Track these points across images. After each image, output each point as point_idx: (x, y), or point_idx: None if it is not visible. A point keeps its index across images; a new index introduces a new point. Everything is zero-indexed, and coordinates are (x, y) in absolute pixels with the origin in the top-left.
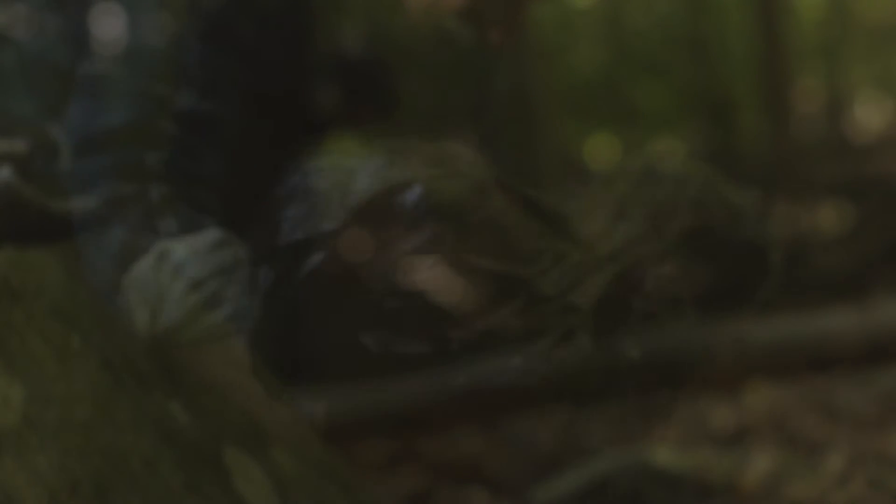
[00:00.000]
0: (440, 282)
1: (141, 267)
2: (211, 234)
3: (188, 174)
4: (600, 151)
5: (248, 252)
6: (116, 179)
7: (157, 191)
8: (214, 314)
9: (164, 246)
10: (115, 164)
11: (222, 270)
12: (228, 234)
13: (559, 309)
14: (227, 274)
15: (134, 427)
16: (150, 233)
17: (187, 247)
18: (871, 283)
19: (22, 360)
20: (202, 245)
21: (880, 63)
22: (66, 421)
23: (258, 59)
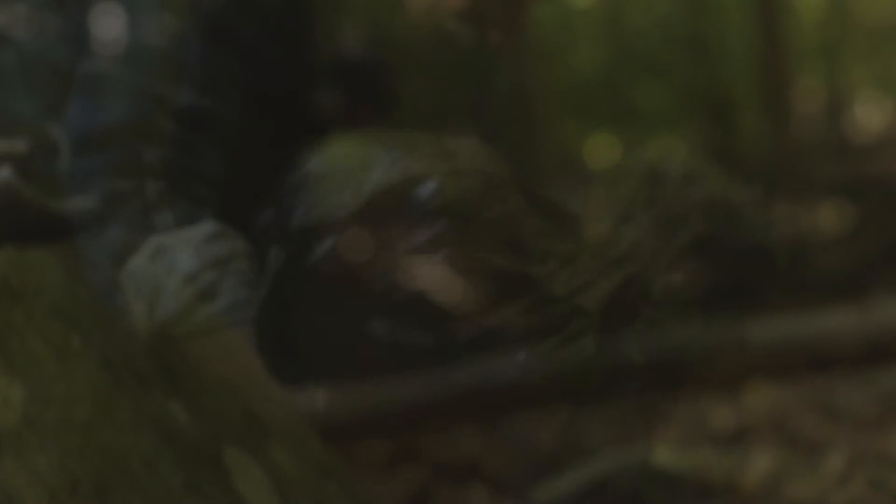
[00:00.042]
0: (449, 277)
1: (136, 261)
2: (206, 226)
3: (187, 170)
4: (600, 151)
5: (245, 244)
6: (113, 176)
7: (153, 187)
8: (210, 306)
9: (159, 240)
10: (113, 162)
11: (217, 262)
12: (224, 226)
13: (566, 310)
14: (223, 266)
15: (134, 427)
16: (147, 228)
17: (182, 240)
18: (871, 283)
19: (22, 360)
20: (197, 238)
21: (880, 63)
22: (66, 421)
23: (258, 58)
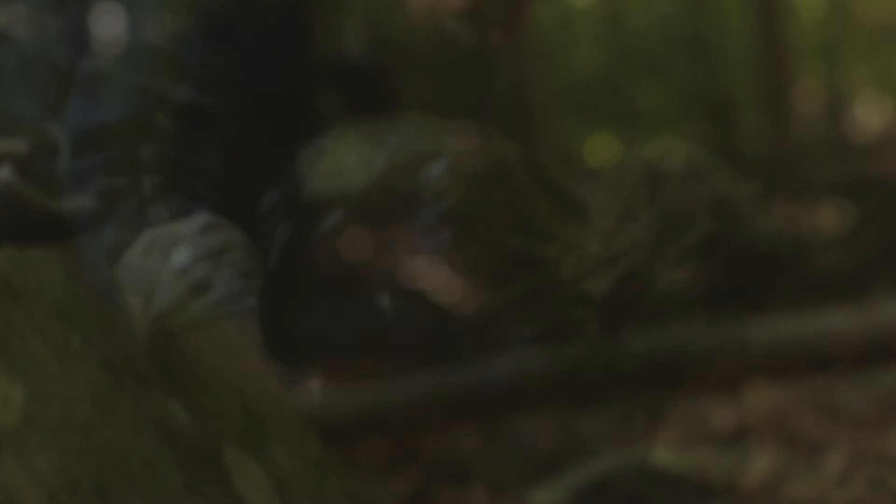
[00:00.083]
0: (457, 256)
1: (131, 256)
2: (199, 218)
3: (185, 166)
4: (600, 151)
5: (241, 235)
6: (110, 174)
7: (149, 182)
8: (204, 299)
9: (153, 233)
10: (110, 160)
11: (211, 254)
12: (219, 217)
13: (569, 299)
14: (217, 257)
15: (134, 427)
16: (142, 223)
17: (175, 232)
18: (871, 283)
19: (22, 360)
20: (190, 230)
21: (880, 63)
22: (66, 421)
23: (258, 57)
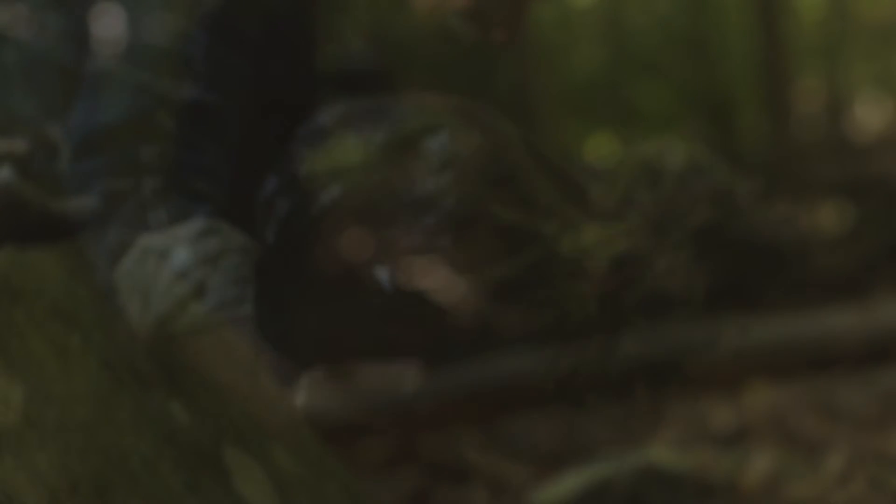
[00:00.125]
0: (457, 230)
1: (128, 261)
2: (196, 222)
3: (188, 166)
4: (600, 151)
5: (240, 239)
6: (112, 176)
7: (149, 184)
8: (200, 304)
9: (149, 239)
10: (111, 162)
11: (207, 259)
12: (217, 221)
13: (570, 269)
14: (213, 263)
15: (134, 427)
16: (142, 226)
17: (171, 237)
18: (871, 283)
19: (22, 360)
20: (186, 235)
21: (880, 63)
22: (66, 421)
23: (262, 55)
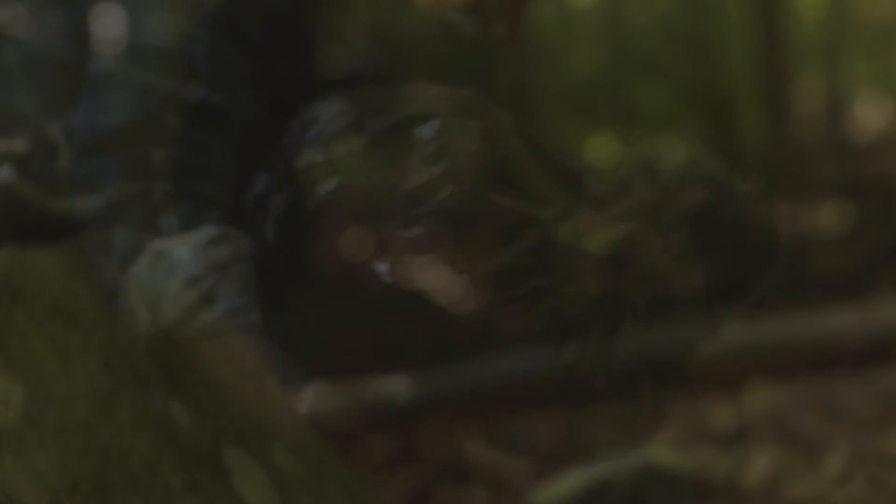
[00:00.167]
0: (452, 218)
1: (138, 268)
2: (207, 230)
3: (196, 169)
4: (600, 151)
5: (249, 246)
6: (121, 179)
7: (160, 188)
8: (211, 311)
9: (160, 245)
10: (121, 164)
11: (217, 267)
12: (227, 229)
13: (566, 254)
14: (223, 270)
15: (134, 427)
16: (153, 232)
17: (182, 245)
18: (871, 283)
19: (22, 360)
20: (197, 242)
21: (880, 63)
22: (66, 421)
23: (264, 54)
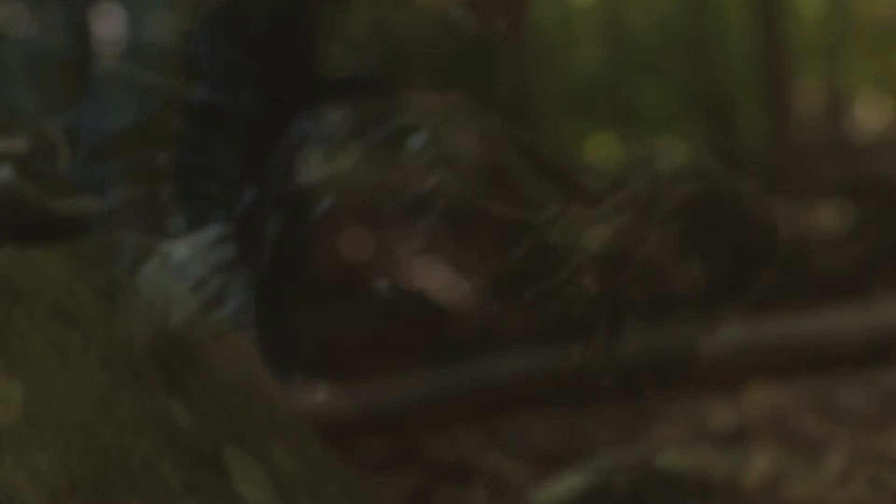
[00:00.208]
0: (447, 229)
1: (147, 272)
2: (212, 230)
3: (201, 170)
4: (600, 151)
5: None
6: (127, 183)
7: (166, 190)
8: (220, 311)
9: (167, 248)
10: (127, 167)
11: (224, 267)
12: (230, 227)
13: (563, 255)
14: (229, 269)
15: (134, 427)
16: (160, 234)
17: (188, 246)
18: (871, 283)
19: (22, 360)
20: (203, 243)
21: (880, 63)
22: (66, 420)
23: (265, 53)
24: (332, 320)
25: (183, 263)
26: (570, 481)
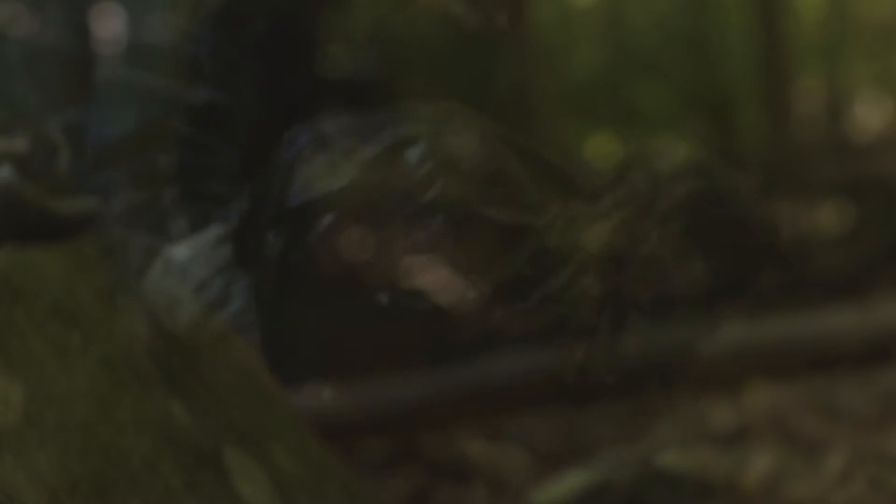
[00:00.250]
0: (448, 237)
1: (151, 277)
2: (213, 231)
3: (202, 168)
4: (600, 151)
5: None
6: (131, 188)
7: (168, 194)
8: (223, 312)
9: (169, 252)
10: (129, 173)
11: (224, 268)
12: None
13: (564, 255)
14: (231, 270)
15: (134, 427)
16: (164, 237)
17: (190, 248)
18: (871, 283)
19: (22, 360)
20: (204, 244)
21: (880, 63)
22: (66, 420)
23: (266, 53)
24: (333, 321)
25: (185, 265)
26: (571, 481)
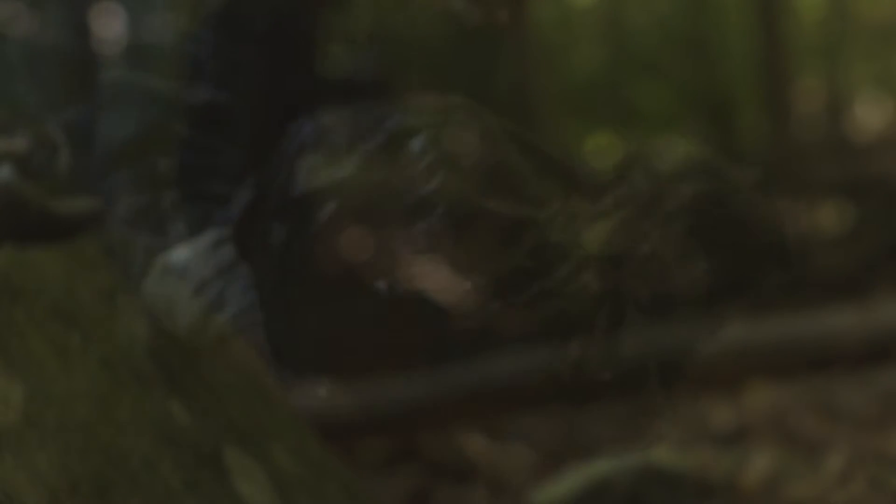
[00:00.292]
0: (449, 230)
1: (150, 281)
2: (210, 234)
3: (203, 168)
4: (600, 151)
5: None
6: (132, 193)
7: (168, 197)
8: (220, 315)
9: (166, 256)
10: (130, 178)
11: (223, 270)
12: (229, 229)
13: (565, 251)
14: (228, 272)
15: (134, 427)
16: (164, 240)
17: (188, 251)
18: (871, 283)
19: (22, 360)
20: (202, 247)
21: (880, 63)
22: (66, 420)
23: (267, 53)
24: (333, 320)
25: (185, 267)
26: (570, 481)
